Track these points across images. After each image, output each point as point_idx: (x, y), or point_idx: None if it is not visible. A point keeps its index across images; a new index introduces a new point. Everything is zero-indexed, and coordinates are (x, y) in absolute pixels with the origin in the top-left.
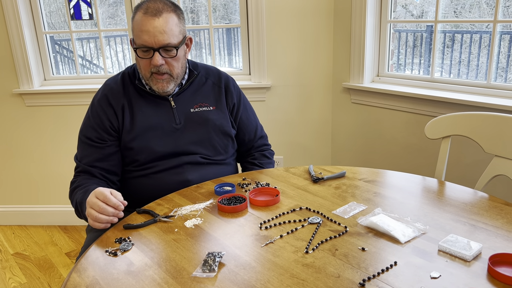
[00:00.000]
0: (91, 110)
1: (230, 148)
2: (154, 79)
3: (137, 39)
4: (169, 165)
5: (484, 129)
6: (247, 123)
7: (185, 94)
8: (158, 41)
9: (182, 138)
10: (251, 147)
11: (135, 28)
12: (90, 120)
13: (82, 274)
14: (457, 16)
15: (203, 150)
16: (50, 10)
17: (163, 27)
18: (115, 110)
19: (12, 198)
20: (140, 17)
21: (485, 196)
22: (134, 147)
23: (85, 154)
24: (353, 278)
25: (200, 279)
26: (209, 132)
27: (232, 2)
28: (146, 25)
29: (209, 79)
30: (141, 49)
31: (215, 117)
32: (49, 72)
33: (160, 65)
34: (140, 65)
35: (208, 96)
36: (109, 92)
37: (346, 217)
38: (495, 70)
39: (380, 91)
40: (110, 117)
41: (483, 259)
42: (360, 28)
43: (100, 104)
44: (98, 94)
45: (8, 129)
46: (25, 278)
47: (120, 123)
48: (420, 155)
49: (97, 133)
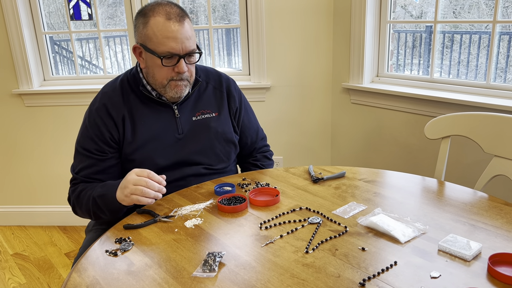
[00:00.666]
0: (88, 119)
1: (232, 155)
2: (173, 85)
3: (162, 46)
4: (172, 177)
5: (484, 129)
6: (249, 126)
7: (188, 102)
8: (185, 47)
9: (184, 148)
10: (253, 150)
11: (156, 35)
12: (88, 131)
13: (83, 274)
14: (456, 16)
15: (205, 159)
16: (49, 10)
17: (188, 33)
18: (115, 122)
19: (11, 199)
20: (163, 22)
21: (485, 196)
22: (136, 159)
23: (84, 166)
24: (353, 278)
25: (201, 279)
26: (212, 140)
27: (232, 3)
28: (173, 31)
29: (209, 83)
30: (166, 56)
31: (218, 124)
32: (49, 73)
33: (184, 72)
34: (156, 73)
35: (210, 102)
36: (108, 101)
37: (346, 217)
38: (494, 70)
39: (379, 91)
40: (111, 128)
41: (483, 259)
42: (359, 29)
43: (99, 114)
44: (95, 103)
45: (7, 130)
46: (25, 279)
47: (121, 134)
48: (420, 155)
49: (96, 145)
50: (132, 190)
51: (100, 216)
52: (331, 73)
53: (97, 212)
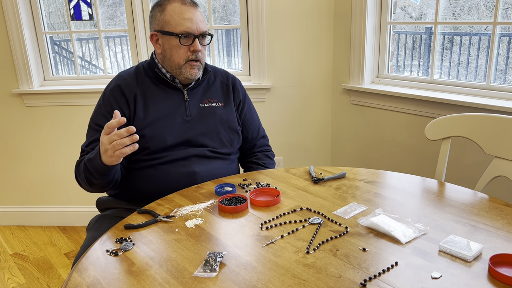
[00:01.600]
0: (102, 98)
1: (235, 143)
2: (188, 66)
3: (179, 27)
4: (177, 156)
5: (484, 130)
6: (251, 122)
7: (198, 89)
8: (199, 28)
9: (191, 129)
10: (254, 146)
11: (173, 18)
12: (101, 108)
13: (83, 274)
14: (456, 18)
15: (210, 141)
16: (49, 10)
17: (201, 16)
18: (127, 99)
19: (11, 199)
20: (179, 7)
21: (485, 197)
22: (145, 135)
23: (93, 139)
24: (354, 279)
25: (201, 279)
26: (217, 125)
27: (232, 4)
28: (188, 13)
29: (217, 77)
30: (183, 35)
31: (223, 112)
32: (49, 73)
33: (199, 51)
34: (174, 53)
35: (217, 93)
36: (123, 82)
37: (347, 217)
38: (494, 71)
39: (380, 92)
40: (122, 105)
41: (483, 260)
42: (360, 30)
43: (112, 93)
44: (111, 84)
45: (7, 129)
46: (24, 279)
47: (132, 111)
48: (420, 156)
49: (107, 120)
50: (112, 147)
51: (92, 182)
52: (331, 74)
53: (89, 177)
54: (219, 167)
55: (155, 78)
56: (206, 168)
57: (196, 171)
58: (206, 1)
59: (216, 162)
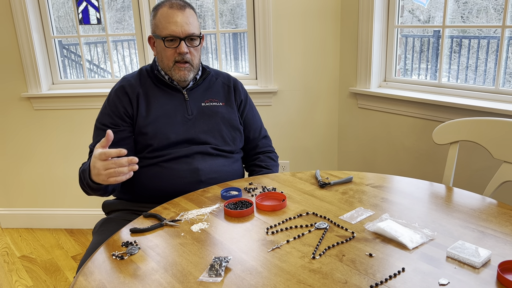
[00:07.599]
0: (108, 100)
1: (238, 142)
2: (177, 68)
3: (164, 30)
4: (180, 153)
5: (493, 135)
6: (252, 121)
7: (198, 90)
8: (184, 30)
9: (194, 127)
10: (256, 146)
11: (161, 21)
12: (106, 109)
13: (89, 278)
14: (464, 21)
15: (212, 139)
16: (58, 14)
17: (188, 19)
18: (130, 98)
19: (19, 201)
20: (166, 10)
21: (494, 202)
22: (148, 132)
23: (99, 139)
24: (361, 284)
25: (207, 284)
26: (219, 124)
27: (239, 7)
28: (173, 16)
29: (219, 79)
30: (168, 38)
31: (225, 111)
32: (57, 76)
33: (185, 53)
34: (163, 55)
35: (218, 93)
36: (126, 83)
37: (353, 222)
38: (503, 75)
39: (387, 96)
40: (125, 104)
41: (492, 266)
42: (367, 33)
43: (116, 93)
44: (115, 86)
45: (16, 133)
46: (32, 281)
47: (135, 110)
48: (428, 160)
49: (111, 119)
50: (108, 174)
51: (88, 192)
52: (338, 78)
53: (83, 187)
54: (222, 164)
55: (156, 80)
56: (209, 165)
57: (199, 167)
58: (213, 5)
59: (219, 160)
